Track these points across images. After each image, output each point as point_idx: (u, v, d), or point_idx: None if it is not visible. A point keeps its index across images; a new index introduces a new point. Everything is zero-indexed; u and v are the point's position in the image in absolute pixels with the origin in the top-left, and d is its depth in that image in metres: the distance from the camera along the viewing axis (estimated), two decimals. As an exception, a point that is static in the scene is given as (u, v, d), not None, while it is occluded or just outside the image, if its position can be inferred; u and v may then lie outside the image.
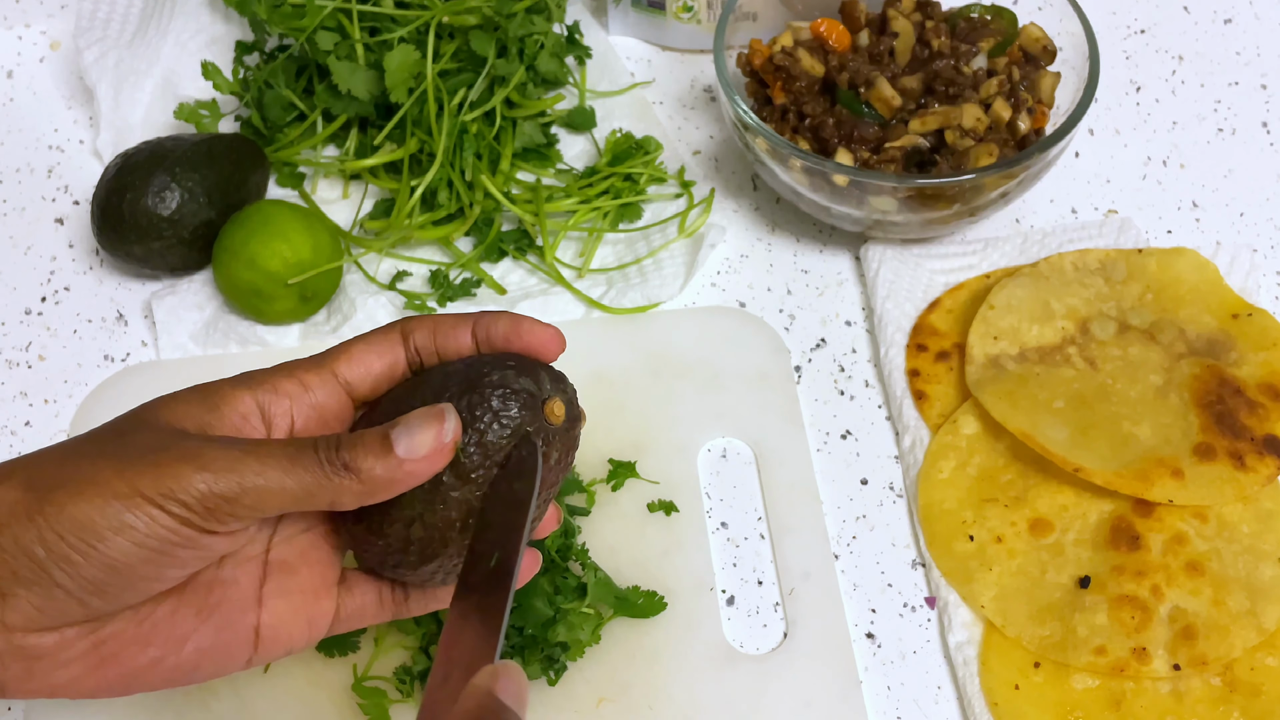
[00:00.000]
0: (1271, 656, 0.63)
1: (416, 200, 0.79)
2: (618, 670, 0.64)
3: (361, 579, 0.51)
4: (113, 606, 0.45)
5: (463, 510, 0.47)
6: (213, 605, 0.47)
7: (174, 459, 0.44)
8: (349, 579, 0.51)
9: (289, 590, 0.49)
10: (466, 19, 0.80)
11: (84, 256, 0.82)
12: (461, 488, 0.47)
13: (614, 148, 0.84)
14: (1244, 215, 0.83)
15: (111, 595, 0.44)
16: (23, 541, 0.43)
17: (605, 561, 0.67)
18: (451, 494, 0.47)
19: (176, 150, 0.77)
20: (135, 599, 0.45)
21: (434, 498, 0.47)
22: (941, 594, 0.67)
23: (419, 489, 0.46)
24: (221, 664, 0.48)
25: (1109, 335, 0.73)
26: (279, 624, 0.49)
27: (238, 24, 0.89)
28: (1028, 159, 0.72)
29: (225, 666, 0.48)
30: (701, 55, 0.93)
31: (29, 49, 0.93)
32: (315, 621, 0.50)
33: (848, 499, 0.71)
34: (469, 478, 0.47)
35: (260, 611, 0.48)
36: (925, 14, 0.80)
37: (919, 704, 0.64)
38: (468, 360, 0.50)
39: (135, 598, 0.45)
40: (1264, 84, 0.90)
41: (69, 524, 0.43)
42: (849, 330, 0.78)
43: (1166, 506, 0.67)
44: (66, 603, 0.44)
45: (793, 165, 0.74)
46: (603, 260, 0.81)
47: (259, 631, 0.48)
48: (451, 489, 0.47)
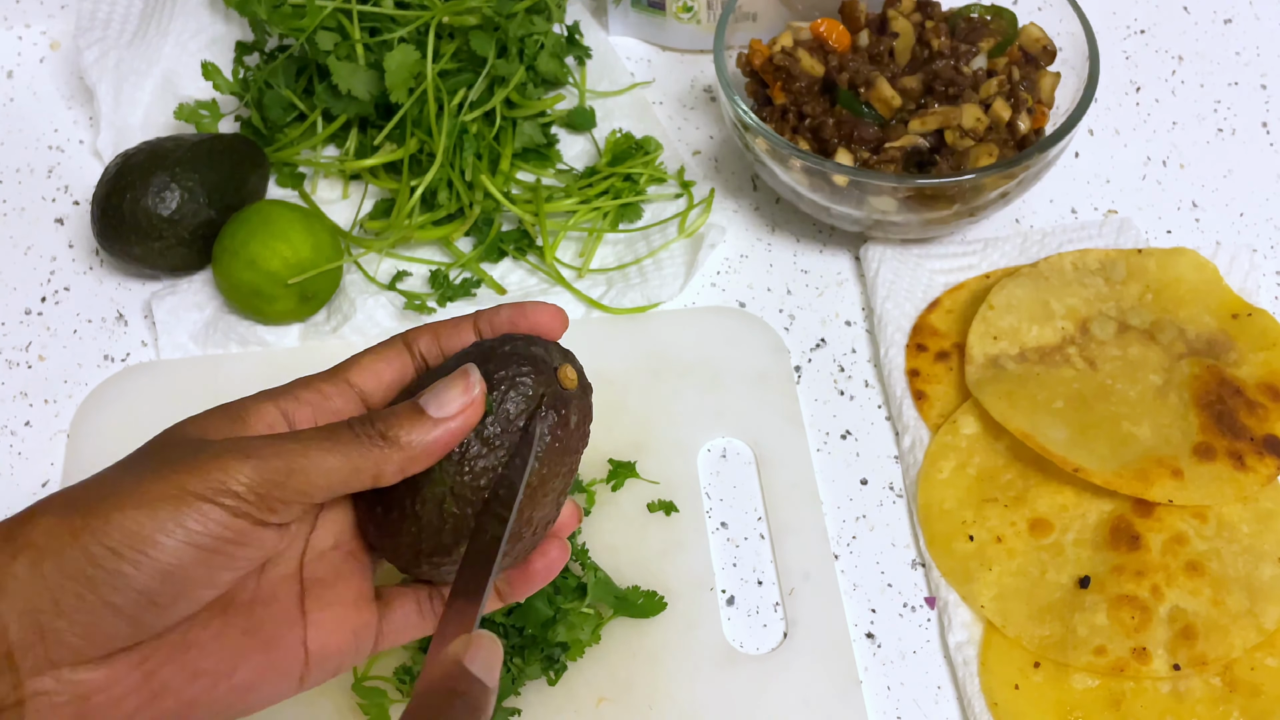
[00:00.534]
0: (1271, 656, 0.63)
1: (416, 200, 0.79)
2: (618, 670, 0.64)
3: (398, 593, 0.51)
4: (164, 620, 0.43)
5: (491, 480, 0.47)
6: (257, 623, 0.47)
7: (216, 455, 0.44)
8: (385, 595, 0.51)
9: (330, 602, 0.48)
10: (466, 19, 0.80)
11: (84, 256, 0.82)
12: (487, 455, 0.47)
13: (614, 148, 0.84)
14: (1244, 215, 0.83)
15: (164, 606, 0.43)
16: (68, 565, 0.42)
17: (605, 561, 0.67)
18: (479, 463, 0.47)
19: (176, 150, 0.77)
20: (187, 609, 0.44)
21: (461, 469, 0.47)
22: (941, 594, 0.67)
23: (447, 464, 0.47)
24: (276, 686, 0.47)
25: (1109, 335, 0.73)
26: (326, 637, 0.48)
27: (238, 24, 0.89)
28: (1027, 159, 0.72)
29: (280, 689, 0.47)
30: (701, 55, 0.93)
31: (29, 49, 0.93)
32: (360, 634, 0.49)
33: (848, 499, 0.71)
34: (493, 444, 0.47)
35: (305, 626, 0.48)
36: (925, 14, 0.80)
37: (919, 704, 0.64)
38: (475, 343, 0.50)
39: (188, 607, 0.44)
40: (1264, 84, 0.91)
41: (118, 535, 0.42)
42: (849, 330, 0.78)
43: (1166, 506, 0.67)
44: (114, 623, 0.42)
45: (793, 165, 0.74)
46: (603, 260, 0.81)
47: (307, 647, 0.47)
48: (478, 458, 0.47)
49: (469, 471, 0.47)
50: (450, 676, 0.42)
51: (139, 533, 0.42)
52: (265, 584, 0.48)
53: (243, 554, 0.44)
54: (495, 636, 0.44)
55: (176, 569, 0.42)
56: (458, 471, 0.47)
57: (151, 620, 0.43)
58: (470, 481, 0.47)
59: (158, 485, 0.43)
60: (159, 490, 0.42)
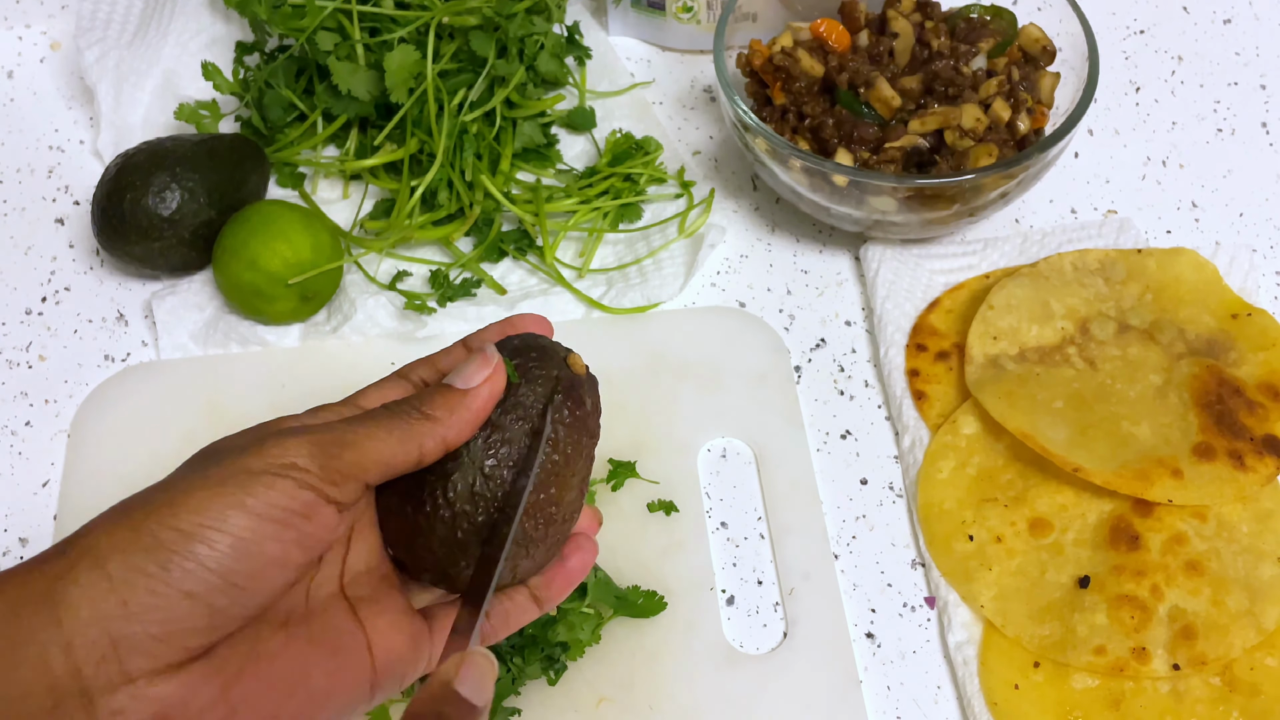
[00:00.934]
0: (1271, 656, 0.63)
1: (416, 200, 0.79)
2: (618, 670, 0.64)
3: (441, 609, 0.51)
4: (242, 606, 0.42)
5: (514, 469, 0.48)
6: (319, 631, 0.46)
7: (273, 437, 0.43)
8: (429, 612, 0.50)
9: (380, 612, 0.48)
10: (466, 19, 0.80)
11: (84, 256, 0.82)
12: (507, 440, 0.48)
13: (614, 148, 0.84)
14: (1243, 215, 0.83)
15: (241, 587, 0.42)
16: (135, 558, 0.40)
17: (605, 561, 0.67)
18: (501, 450, 0.48)
19: (177, 150, 0.77)
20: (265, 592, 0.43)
21: (485, 454, 0.48)
22: (941, 594, 0.67)
23: (469, 454, 0.47)
24: (349, 694, 0.46)
25: (1108, 335, 0.73)
26: (387, 642, 0.47)
27: (238, 24, 0.89)
28: (1027, 159, 0.72)
29: (353, 696, 0.46)
30: (701, 55, 0.93)
31: (29, 49, 0.93)
32: (418, 640, 0.49)
33: (847, 499, 0.71)
34: (513, 427, 0.48)
35: (366, 632, 0.47)
36: (925, 14, 0.80)
37: (918, 704, 0.64)
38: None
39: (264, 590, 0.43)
40: (1263, 84, 0.91)
41: (187, 515, 0.41)
42: (849, 330, 0.78)
43: (1166, 506, 0.67)
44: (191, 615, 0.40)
45: (792, 165, 0.74)
46: (603, 260, 0.81)
47: (373, 652, 0.47)
48: (500, 444, 0.48)
49: (493, 455, 0.48)
50: (436, 699, 0.41)
51: (208, 510, 0.41)
52: (315, 601, 0.47)
53: (310, 531, 0.43)
54: (489, 654, 0.44)
55: (250, 542, 0.41)
56: (483, 454, 0.48)
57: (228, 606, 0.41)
58: (494, 469, 0.48)
59: (219, 471, 0.42)
60: (221, 474, 0.42)
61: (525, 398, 0.49)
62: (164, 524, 0.40)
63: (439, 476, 0.47)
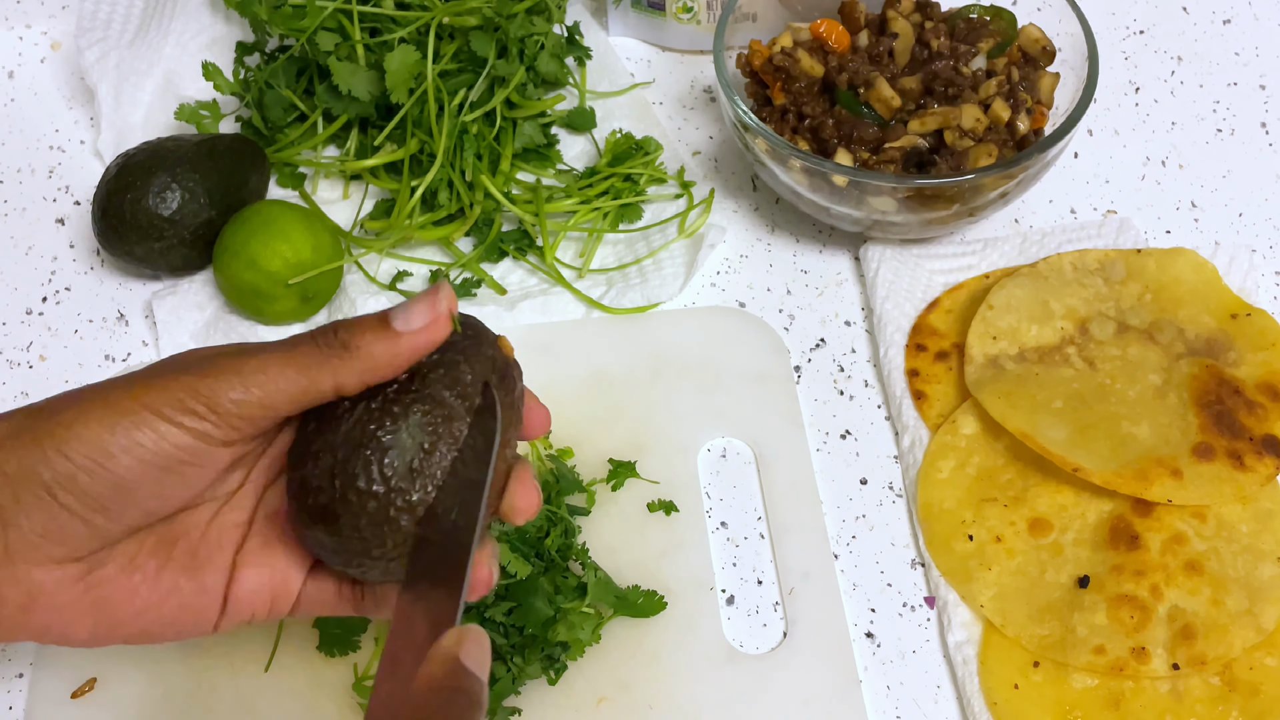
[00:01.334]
0: (1270, 656, 0.63)
1: (417, 200, 0.79)
2: (618, 670, 0.64)
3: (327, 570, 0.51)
4: (116, 528, 0.45)
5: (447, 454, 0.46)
6: (198, 565, 0.48)
7: (177, 371, 0.45)
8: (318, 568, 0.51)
9: (262, 562, 0.50)
10: (467, 20, 0.80)
11: (85, 257, 0.82)
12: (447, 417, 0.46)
13: (614, 148, 0.84)
14: (1243, 215, 0.83)
15: (115, 514, 0.45)
16: (28, 467, 0.44)
17: (605, 561, 0.67)
18: (441, 426, 0.46)
19: (177, 151, 0.77)
20: (138, 519, 0.46)
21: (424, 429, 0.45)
22: (941, 593, 0.67)
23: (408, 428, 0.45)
24: (194, 623, 0.49)
25: (1108, 335, 0.74)
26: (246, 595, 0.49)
27: (238, 24, 0.89)
28: (1027, 159, 0.72)
29: (197, 627, 0.49)
30: (701, 56, 0.93)
31: (30, 49, 0.93)
32: (278, 601, 0.50)
33: (847, 499, 0.71)
34: (453, 404, 0.46)
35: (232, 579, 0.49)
36: (925, 15, 0.80)
37: (918, 703, 0.64)
38: None
39: (138, 518, 0.46)
40: (1263, 84, 0.91)
41: (76, 444, 0.44)
42: (848, 330, 0.78)
43: (1165, 506, 0.67)
44: (71, 525, 0.44)
45: (792, 166, 0.74)
46: (603, 260, 0.81)
47: (227, 597, 0.49)
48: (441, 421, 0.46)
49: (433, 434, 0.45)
50: (452, 674, 0.42)
51: (96, 444, 0.44)
52: (216, 527, 0.49)
53: (196, 474, 0.46)
54: (484, 630, 0.44)
55: (128, 482, 0.44)
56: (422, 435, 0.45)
57: (105, 525, 0.45)
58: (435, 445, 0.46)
59: (123, 399, 0.44)
60: (123, 404, 0.44)
61: (464, 374, 0.47)
62: (56, 445, 0.44)
63: (374, 450, 0.45)
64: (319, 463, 0.46)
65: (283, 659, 0.64)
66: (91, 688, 0.63)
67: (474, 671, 0.42)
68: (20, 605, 0.45)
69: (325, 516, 0.46)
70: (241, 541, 0.50)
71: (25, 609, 0.45)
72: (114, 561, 0.47)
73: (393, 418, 0.46)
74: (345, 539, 0.46)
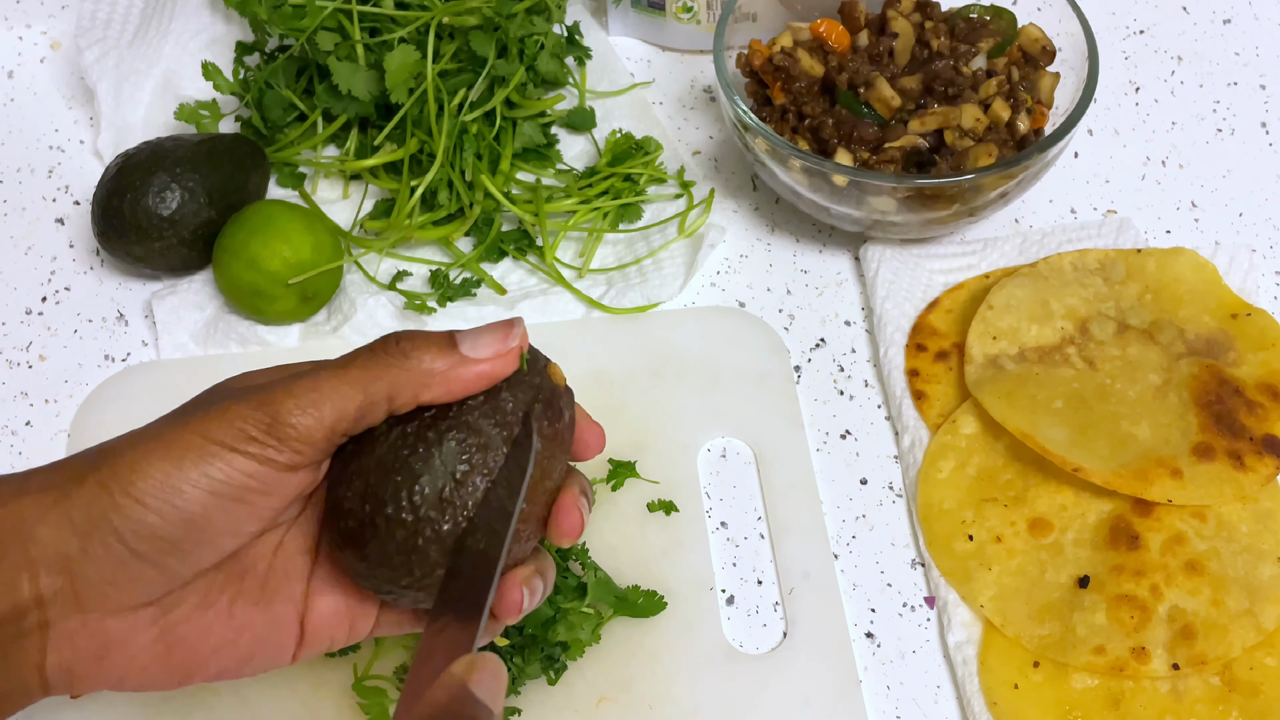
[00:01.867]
0: (1270, 656, 0.63)
1: (416, 200, 0.79)
2: (618, 670, 0.64)
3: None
4: (189, 568, 0.44)
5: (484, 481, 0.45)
6: (269, 596, 0.47)
7: (230, 400, 0.44)
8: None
9: (335, 589, 0.49)
10: (466, 19, 0.80)
11: (84, 256, 0.82)
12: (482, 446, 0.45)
13: (614, 148, 0.84)
14: (1243, 215, 0.83)
15: (188, 553, 0.44)
16: (96, 513, 0.43)
17: (605, 561, 0.67)
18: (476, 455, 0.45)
19: (177, 150, 0.77)
20: (212, 557, 0.45)
21: (458, 458, 0.45)
22: (941, 593, 0.67)
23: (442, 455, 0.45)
24: (272, 656, 0.48)
25: (1108, 335, 0.73)
26: (324, 622, 0.49)
27: (238, 24, 0.89)
28: (1027, 159, 0.72)
29: (275, 659, 0.48)
30: (701, 55, 0.93)
31: (30, 49, 0.93)
32: (357, 625, 0.50)
33: (847, 499, 0.71)
34: (490, 432, 0.45)
35: (307, 608, 0.48)
36: (925, 14, 0.80)
37: (918, 703, 0.64)
38: None
39: (212, 555, 0.45)
40: (1263, 84, 0.91)
41: (144, 485, 0.43)
42: (848, 330, 0.78)
43: (1165, 506, 0.67)
44: (141, 570, 0.43)
45: (792, 165, 0.74)
46: (603, 260, 0.81)
47: (304, 627, 0.48)
48: (475, 449, 0.45)
49: (467, 463, 0.45)
50: (456, 700, 0.41)
51: (165, 482, 0.43)
52: (282, 555, 0.48)
53: (266, 502, 0.45)
54: (499, 659, 0.43)
55: (200, 517, 0.43)
56: (455, 463, 0.45)
57: (176, 567, 0.44)
58: (468, 475, 0.45)
59: (184, 435, 0.44)
60: (185, 439, 0.43)
61: (505, 403, 0.46)
62: (124, 490, 0.43)
63: (405, 477, 0.45)
64: (351, 486, 0.46)
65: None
66: (91, 688, 0.63)
67: (484, 701, 0.41)
68: (95, 656, 0.44)
69: (355, 541, 0.46)
70: (311, 569, 0.49)
71: (99, 659, 0.44)
72: (186, 603, 0.46)
73: (426, 444, 0.45)
74: (374, 565, 0.46)
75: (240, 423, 0.43)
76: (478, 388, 0.45)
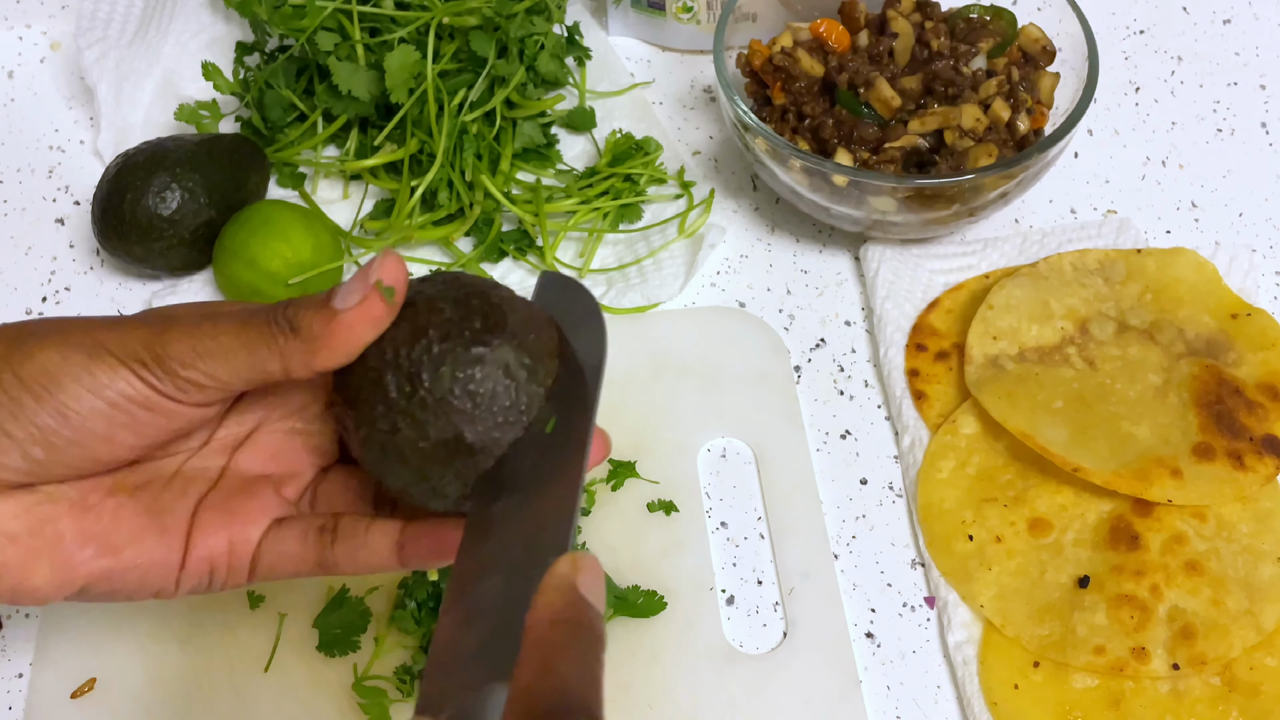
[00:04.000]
0: (1270, 656, 0.63)
1: (416, 200, 0.79)
2: (617, 669, 0.64)
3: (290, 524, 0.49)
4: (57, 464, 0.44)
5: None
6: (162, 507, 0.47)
7: (139, 321, 0.45)
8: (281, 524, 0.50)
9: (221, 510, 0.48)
10: (467, 19, 0.80)
11: (85, 256, 0.82)
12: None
13: (614, 148, 0.84)
14: (1243, 215, 0.83)
15: (58, 448, 0.44)
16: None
17: (605, 561, 0.67)
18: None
19: (177, 150, 0.77)
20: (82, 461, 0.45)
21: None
22: (941, 594, 0.67)
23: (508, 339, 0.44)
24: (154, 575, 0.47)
25: (1108, 335, 0.74)
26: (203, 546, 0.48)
27: (238, 24, 0.89)
28: (1027, 159, 0.72)
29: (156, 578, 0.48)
30: (701, 55, 0.93)
31: (29, 49, 0.93)
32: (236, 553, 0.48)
33: (847, 499, 0.71)
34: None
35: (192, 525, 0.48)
36: (925, 15, 0.80)
37: (918, 703, 0.64)
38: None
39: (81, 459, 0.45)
40: (1263, 84, 0.91)
41: (30, 367, 0.43)
42: (848, 330, 0.78)
43: (1165, 506, 0.67)
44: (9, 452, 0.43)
45: (792, 165, 0.74)
46: (603, 261, 0.81)
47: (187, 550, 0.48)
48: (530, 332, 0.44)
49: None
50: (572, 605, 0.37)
51: (49, 370, 0.43)
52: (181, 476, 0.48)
53: (149, 420, 0.45)
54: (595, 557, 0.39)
55: (74, 414, 0.43)
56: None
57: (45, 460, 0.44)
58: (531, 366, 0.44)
59: (80, 335, 0.44)
60: (79, 339, 0.44)
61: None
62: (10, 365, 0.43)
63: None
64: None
65: (283, 659, 0.64)
66: (91, 688, 0.63)
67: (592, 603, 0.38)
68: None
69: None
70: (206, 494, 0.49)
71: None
72: (65, 499, 0.45)
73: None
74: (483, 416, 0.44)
75: (135, 344, 0.44)
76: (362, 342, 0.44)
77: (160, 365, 0.44)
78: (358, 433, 0.45)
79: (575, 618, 0.37)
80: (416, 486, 0.45)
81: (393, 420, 0.44)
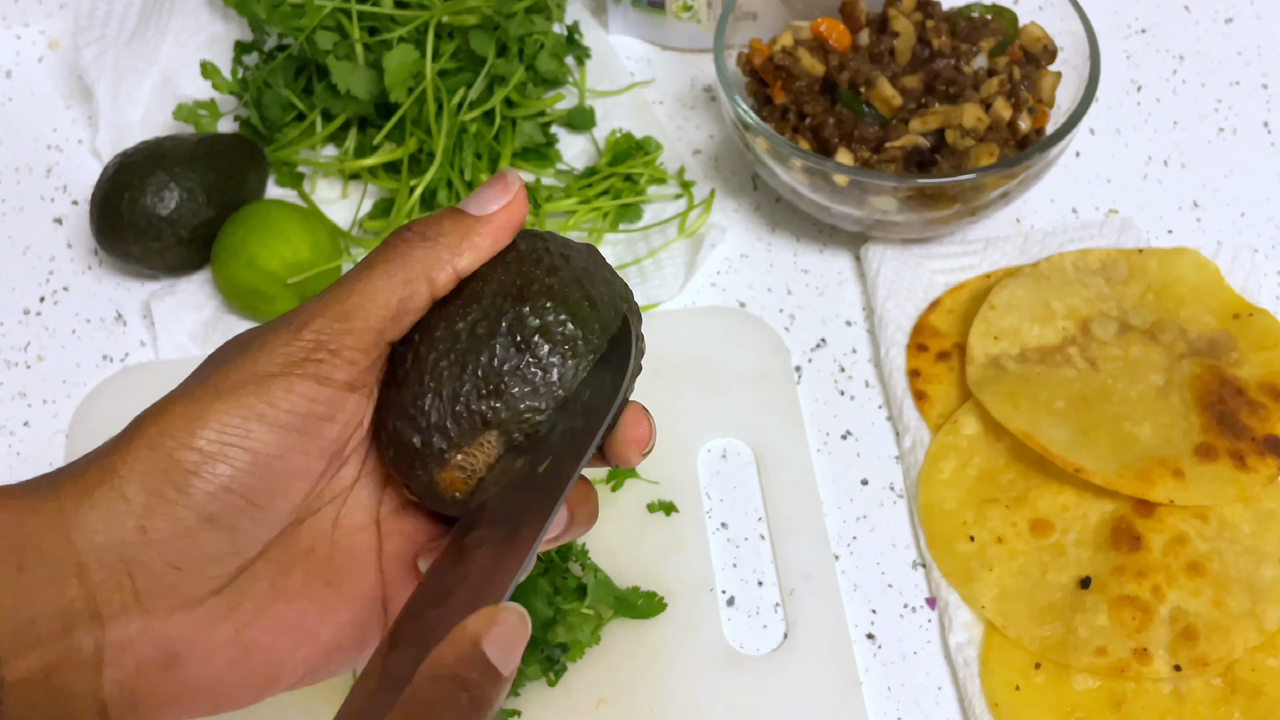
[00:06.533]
0: (1272, 657, 0.63)
1: (416, 200, 0.79)
2: (618, 671, 0.64)
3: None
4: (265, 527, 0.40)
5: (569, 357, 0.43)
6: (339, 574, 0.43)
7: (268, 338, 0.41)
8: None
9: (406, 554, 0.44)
10: (466, 19, 0.80)
11: (83, 256, 0.82)
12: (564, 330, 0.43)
13: (614, 148, 0.84)
14: (1245, 215, 0.83)
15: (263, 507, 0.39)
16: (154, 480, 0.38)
17: (605, 562, 0.67)
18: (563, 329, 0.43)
19: (175, 150, 0.77)
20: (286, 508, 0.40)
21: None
22: (942, 594, 0.66)
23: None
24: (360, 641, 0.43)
25: (1110, 335, 0.73)
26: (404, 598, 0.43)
27: (237, 23, 0.89)
28: (1028, 159, 0.72)
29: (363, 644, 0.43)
30: (701, 55, 0.93)
31: (28, 48, 0.93)
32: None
33: (848, 499, 0.71)
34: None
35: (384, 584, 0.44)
36: (926, 13, 0.80)
37: (919, 705, 0.64)
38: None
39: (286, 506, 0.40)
40: (1265, 84, 0.90)
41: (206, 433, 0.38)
42: (849, 330, 0.78)
43: (1167, 507, 0.67)
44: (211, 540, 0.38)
45: (793, 165, 0.74)
46: (602, 260, 0.81)
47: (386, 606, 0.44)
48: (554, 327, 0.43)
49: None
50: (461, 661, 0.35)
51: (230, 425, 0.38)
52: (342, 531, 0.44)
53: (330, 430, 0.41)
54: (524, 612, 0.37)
55: (273, 458, 0.39)
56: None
57: (251, 528, 0.39)
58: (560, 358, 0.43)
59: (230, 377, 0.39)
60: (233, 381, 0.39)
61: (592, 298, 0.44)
62: (181, 443, 0.38)
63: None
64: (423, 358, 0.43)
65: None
66: (89, 689, 0.63)
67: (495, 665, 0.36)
68: (161, 664, 0.38)
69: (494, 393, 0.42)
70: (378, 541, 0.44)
71: (166, 668, 0.38)
72: (258, 591, 0.40)
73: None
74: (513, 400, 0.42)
75: (284, 349, 0.40)
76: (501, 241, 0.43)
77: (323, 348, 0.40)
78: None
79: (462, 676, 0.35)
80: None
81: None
